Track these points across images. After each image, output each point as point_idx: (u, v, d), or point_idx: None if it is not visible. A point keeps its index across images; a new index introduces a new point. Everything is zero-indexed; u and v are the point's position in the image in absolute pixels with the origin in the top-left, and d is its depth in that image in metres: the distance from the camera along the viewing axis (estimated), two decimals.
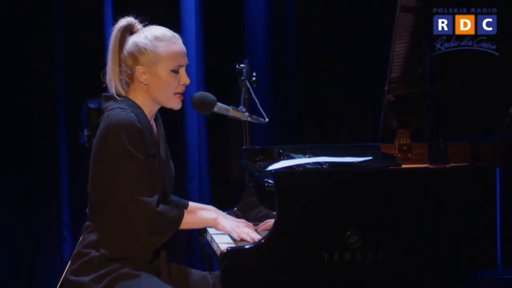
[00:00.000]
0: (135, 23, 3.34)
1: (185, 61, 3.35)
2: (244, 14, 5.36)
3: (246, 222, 3.53)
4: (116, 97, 3.30)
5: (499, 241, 3.22)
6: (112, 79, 3.30)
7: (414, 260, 3.19)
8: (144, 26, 3.36)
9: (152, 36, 3.30)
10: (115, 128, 3.19)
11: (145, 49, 3.28)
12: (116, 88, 3.30)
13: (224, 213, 3.57)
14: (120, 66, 3.31)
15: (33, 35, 5.22)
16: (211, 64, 5.31)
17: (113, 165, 3.19)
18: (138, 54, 3.29)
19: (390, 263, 3.18)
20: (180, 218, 3.25)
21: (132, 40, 3.30)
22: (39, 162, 5.27)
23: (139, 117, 3.24)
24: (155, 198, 3.20)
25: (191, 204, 3.64)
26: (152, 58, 3.28)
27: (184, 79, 3.35)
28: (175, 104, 3.36)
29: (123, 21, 3.33)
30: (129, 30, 3.32)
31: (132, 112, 3.23)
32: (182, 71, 3.34)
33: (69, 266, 3.32)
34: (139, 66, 3.29)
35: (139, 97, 3.32)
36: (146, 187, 3.19)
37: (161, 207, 3.21)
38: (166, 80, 3.31)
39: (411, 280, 3.20)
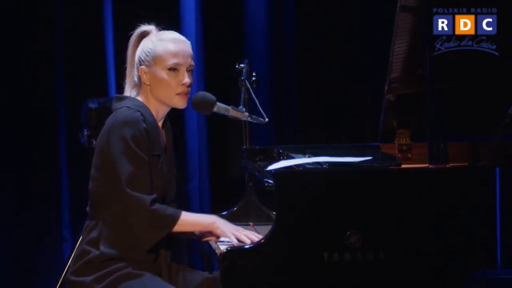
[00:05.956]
0: (152, 29, 3.42)
1: (185, 61, 3.36)
2: (244, 14, 5.35)
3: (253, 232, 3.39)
4: (127, 97, 3.38)
5: (499, 241, 3.22)
6: (127, 82, 3.43)
7: (414, 260, 3.19)
8: (159, 31, 3.44)
9: (156, 38, 3.37)
10: (119, 125, 3.24)
11: (147, 49, 3.36)
12: (129, 90, 3.42)
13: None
14: (133, 69, 3.41)
15: (33, 35, 5.21)
16: (211, 64, 5.31)
17: (113, 158, 3.22)
18: (142, 55, 3.37)
19: (390, 263, 3.17)
20: (176, 216, 3.24)
21: (141, 43, 3.40)
22: (39, 162, 5.26)
23: (145, 117, 3.28)
24: (151, 196, 3.21)
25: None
26: (152, 58, 3.35)
27: (183, 78, 3.36)
28: (178, 103, 3.38)
29: (142, 28, 3.42)
30: (144, 37, 3.41)
31: (138, 111, 3.28)
32: (182, 71, 3.36)
33: (69, 266, 3.32)
34: (142, 67, 3.36)
35: (145, 98, 3.39)
36: (143, 184, 3.21)
37: (157, 205, 3.22)
38: (164, 79, 3.34)
39: (411, 280, 3.20)
